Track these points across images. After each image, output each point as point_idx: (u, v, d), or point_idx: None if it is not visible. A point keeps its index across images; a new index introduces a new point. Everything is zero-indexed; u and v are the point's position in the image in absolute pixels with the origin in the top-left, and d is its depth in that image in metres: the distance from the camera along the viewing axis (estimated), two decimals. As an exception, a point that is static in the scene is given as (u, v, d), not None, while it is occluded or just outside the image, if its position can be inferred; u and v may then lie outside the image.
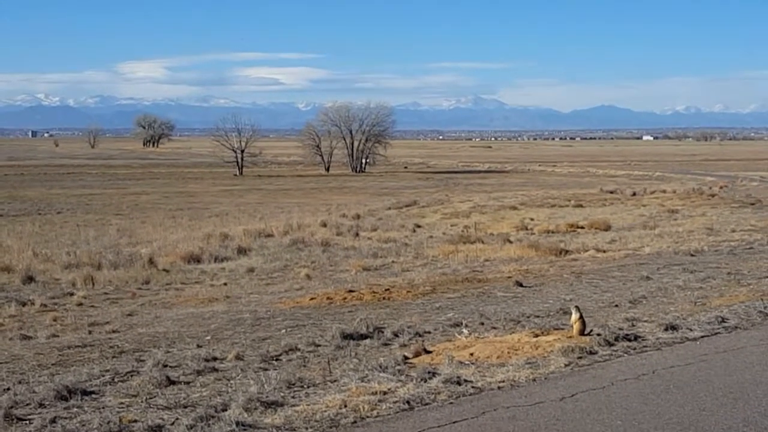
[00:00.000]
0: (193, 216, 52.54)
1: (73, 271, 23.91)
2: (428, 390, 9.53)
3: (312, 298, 17.42)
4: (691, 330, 12.50)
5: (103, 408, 9.46)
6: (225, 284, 21.86)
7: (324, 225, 40.98)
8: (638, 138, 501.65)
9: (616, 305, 15.30)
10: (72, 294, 20.24)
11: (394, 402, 9.17)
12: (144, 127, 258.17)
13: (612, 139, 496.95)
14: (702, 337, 12.20)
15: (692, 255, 23.54)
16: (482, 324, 13.81)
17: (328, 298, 17.30)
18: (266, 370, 11.05)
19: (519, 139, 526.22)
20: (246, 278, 22.92)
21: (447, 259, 24.80)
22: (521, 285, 18.31)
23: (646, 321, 13.25)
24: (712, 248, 25.50)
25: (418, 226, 40.48)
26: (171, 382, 10.48)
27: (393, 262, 25.09)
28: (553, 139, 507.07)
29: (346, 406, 8.95)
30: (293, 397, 9.57)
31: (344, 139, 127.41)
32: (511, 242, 29.44)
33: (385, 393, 9.45)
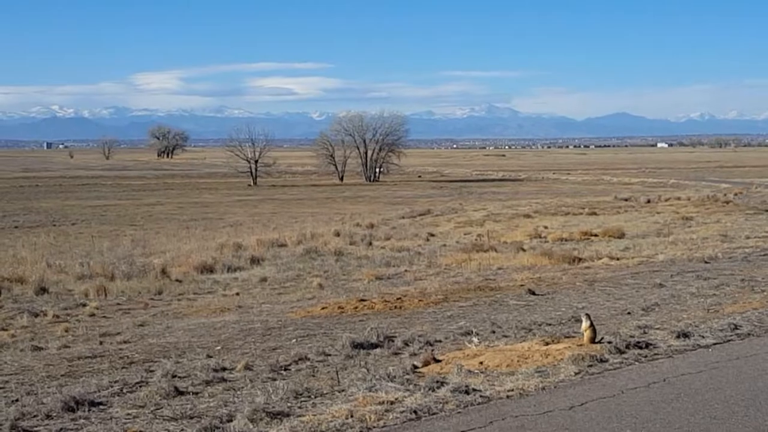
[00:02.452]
0: (207, 226, 52.69)
1: (86, 282, 23.91)
2: (436, 399, 9.47)
3: (323, 308, 17.37)
4: (703, 337, 12.44)
5: (110, 419, 9.47)
6: (237, 294, 21.80)
7: (337, 234, 40.98)
8: (653, 145, 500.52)
9: (629, 313, 15.24)
10: (84, 305, 20.22)
11: (401, 412, 9.10)
12: (158, 138, 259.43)
13: (626, 146, 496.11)
14: (714, 344, 12.13)
15: (706, 262, 23.43)
16: (493, 332, 13.77)
17: (339, 308, 17.25)
18: (275, 380, 11.02)
19: (533, 147, 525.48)
20: (258, 288, 22.88)
21: (460, 268, 24.70)
22: (533, 293, 18.24)
23: (658, 328, 13.18)
24: (726, 255, 25.34)
25: (432, 235, 40.41)
26: (179, 393, 10.47)
27: (406, 271, 24.98)
28: (567, 147, 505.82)
29: (352, 416, 8.93)
30: (300, 408, 9.54)
31: (358, 149, 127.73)
32: (524, 250, 29.31)
33: (392, 403, 9.39)
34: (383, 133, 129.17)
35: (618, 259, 25.53)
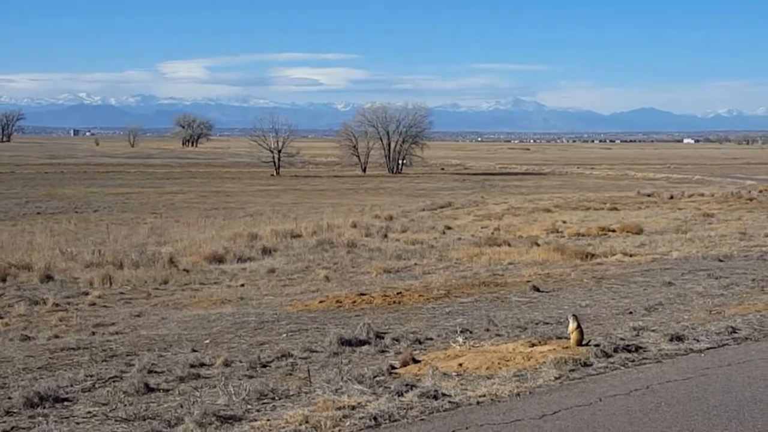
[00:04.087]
0: (227, 216, 52.70)
1: (93, 270, 23.85)
2: (401, 405, 9.08)
3: (321, 301, 17.22)
4: (697, 341, 12.02)
5: (67, 418, 9.23)
6: (242, 285, 21.70)
7: (354, 226, 40.83)
8: (679, 141, 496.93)
9: (631, 312, 14.97)
10: (87, 293, 20.14)
11: (360, 418, 8.67)
12: (183, 127, 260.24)
13: (652, 141, 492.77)
14: (708, 348, 11.71)
15: (720, 260, 23.09)
16: (487, 330, 13.52)
17: (337, 302, 17.09)
18: (251, 377, 10.82)
19: (558, 141, 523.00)
20: (265, 279, 22.78)
21: (470, 262, 24.55)
22: (538, 290, 18.03)
23: (653, 330, 12.81)
24: (742, 253, 25.02)
25: (448, 228, 40.23)
26: (149, 390, 10.26)
27: (416, 264, 24.85)
28: (593, 141, 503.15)
29: (307, 422, 8.50)
30: (258, 411, 9.21)
31: (381, 140, 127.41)
32: (538, 245, 29.10)
33: (353, 407, 8.99)
34: (407, 125, 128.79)
35: (632, 255, 25.28)
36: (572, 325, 11.72)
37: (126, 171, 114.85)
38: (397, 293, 17.93)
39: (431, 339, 13.05)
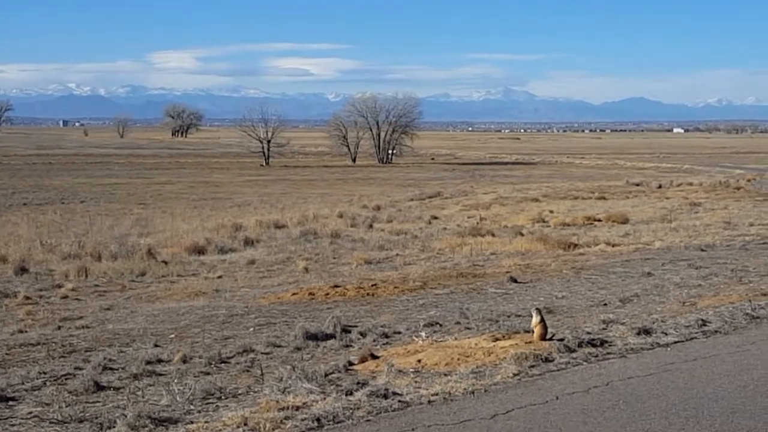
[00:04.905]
0: (214, 206, 52.52)
1: (70, 262, 23.56)
2: (348, 404, 8.71)
3: (294, 294, 16.99)
4: (666, 334, 11.73)
5: (6, 419, 8.95)
6: (220, 277, 21.48)
7: (341, 216, 40.75)
8: (669, 130, 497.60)
9: (605, 304, 14.79)
10: (60, 286, 19.82)
11: (303, 420, 8.31)
12: (173, 117, 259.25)
13: (642, 131, 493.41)
14: (675, 342, 11.42)
15: (702, 250, 23.03)
16: (458, 323, 13.29)
17: (310, 294, 16.85)
18: (207, 374, 10.57)
19: (548, 131, 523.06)
20: (244, 271, 22.55)
21: (452, 253, 24.44)
22: (515, 281, 17.85)
23: (622, 323, 12.53)
24: (725, 243, 25.00)
25: (435, 218, 40.16)
26: (99, 388, 9.98)
27: (397, 254, 24.71)
28: (583, 131, 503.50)
29: (245, 425, 8.15)
30: (199, 412, 8.91)
31: (371, 130, 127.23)
32: (522, 235, 29.06)
33: (297, 408, 8.61)
34: (396, 114, 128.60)
35: (615, 245, 25.23)
36: (535, 319, 11.42)
37: (114, 162, 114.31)
38: (372, 285, 17.71)
39: (399, 333, 12.79)
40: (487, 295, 16.50)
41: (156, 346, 12.45)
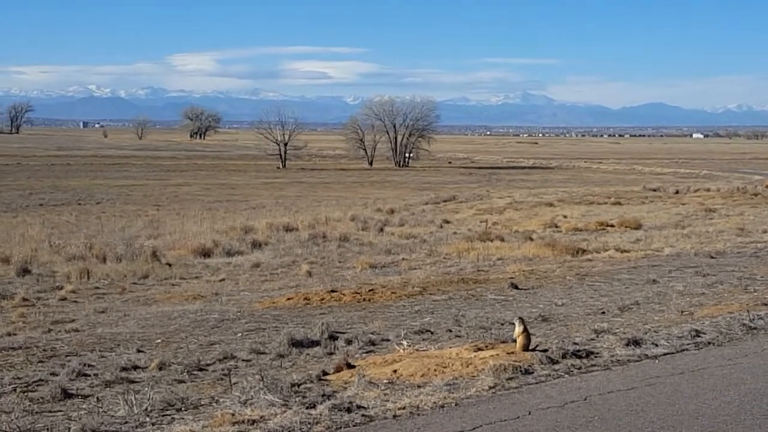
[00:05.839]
0: (229, 209, 52.59)
1: (74, 264, 23.44)
2: (307, 419, 8.25)
3: (289, 299, 16.80)
4: (656, 345, 11.27)
5: None
6: (222, 280, 21.33)
7: (353, 219, 40.67)
8: (688, 136, 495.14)
9: (603, 312, 14.50)
10: (60, 288, 19.68)
11: None
12: (191, 119, 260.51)
13: (661, 136, 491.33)
14: (665, 354, 10.94)
15: (712, 257, 22.77)
16: (449, 331, 13.01)
17: (305, 299, 16.65)
18: (181, 382, 10.31)
19: (567, 135, 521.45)
20: (247, 274, 22.40)
21: (459, 257, 24.25)
22: (516, 287, 17.62)
23: (613, 333, 12.07)
24: (736, 250, 24.71)
25: (447, 222, 40.02)
26: (67, 396, 9.71)
27: (403, 259, 24.50)
28: (602, 136, 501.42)
29: None
30: (153, 425, 8.55)
31: (388, 134, 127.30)
32: (532, 240, 28.83)
33: (253, 422, 8.18)
34: (413, 118, 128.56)
35: (625, 251, 24.93)
36: (518, 328, 10.98)
37: (132, 163, 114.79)
38: (369, 290, 17.48)
39: (388, 340, 12.48)
40: (486, 301, 16.29)
41: (139, 351, 12.24)
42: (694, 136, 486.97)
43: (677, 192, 62.50)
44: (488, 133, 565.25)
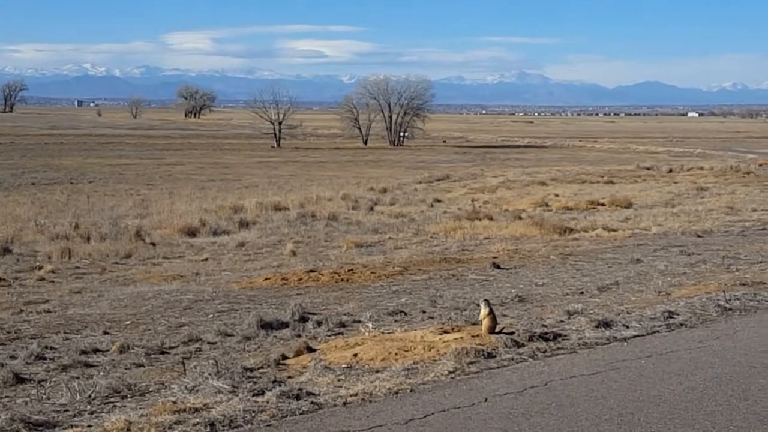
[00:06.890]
0: (222, 187, 52.33)
1: (57, 243, 23.15)
2: (252, 406, 7.89)
3: (266, 279, 16.58)
4: (627, 327, 10.98)
5: None
6: (205, 260, 21.08)
7: (344, 198, 40.55)
8: (683, 114, 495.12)
9: (582, 292, 14.28)
10: (40, 268, 19.39)
11: (195, 424, 7.49)
12: (186, 98, 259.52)
13: (656, 115, 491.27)
14: (635, 336, 10.64)
15: (699, 236, 22.73)
16: (423, 312, 12.83)
17: (283, 279, 16.41)
18: (141, 366, 10.07)
19: (563, 114, 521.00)
20: (231, 254, 22.16)
21: (446, 237, 24.16)
22: (498, 267, 17.47)
23: (585, 315, 11.73)
24: (723, 228, 24.73)
25: (438, 201, 39.94)
26: (19, 381, 9.38)
27: (390, 238, 24.34)
28: (597, 114, 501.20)
29: (128, 430, 7.40)
30: (91, 414, 8.13)
31: (382, 112, 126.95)
32: (520, 219, 28.77)
33: (195, 410, 7.81)
34: (408, 97, 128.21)
35: (612, 230, 24.87)
36: (484, 311, 10.63)
37: (126, 142, 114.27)
38: (348, 270, 17.29)
39: (360, 321, 12.23)
40: (466, 281, 16.12)
41: (105, 333, 11.99)
42: (689, 114, 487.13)
43: (671, 171, 62.51)
44: (484, 112, 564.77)
